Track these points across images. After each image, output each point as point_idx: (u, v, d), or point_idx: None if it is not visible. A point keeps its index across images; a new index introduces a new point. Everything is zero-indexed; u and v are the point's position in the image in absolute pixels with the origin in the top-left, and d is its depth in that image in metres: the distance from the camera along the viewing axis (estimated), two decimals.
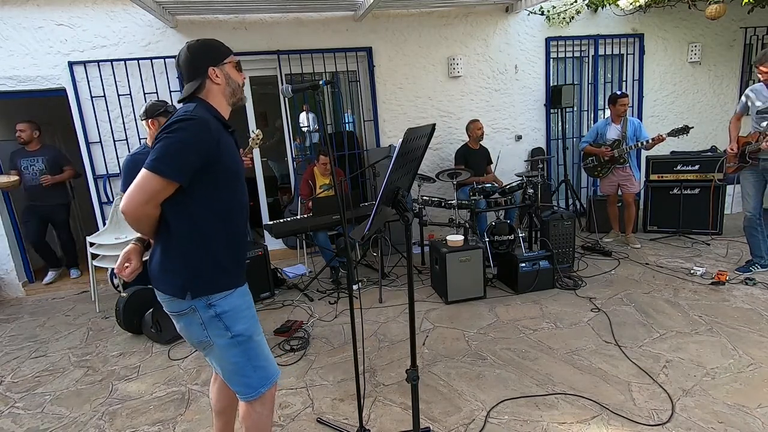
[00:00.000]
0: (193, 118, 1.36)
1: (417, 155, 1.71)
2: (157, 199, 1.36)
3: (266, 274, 3.92)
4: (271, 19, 4.71)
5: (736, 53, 5.90)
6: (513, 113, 5.54)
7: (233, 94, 1.55)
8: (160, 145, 1.33)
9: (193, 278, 1.43)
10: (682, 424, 2.07)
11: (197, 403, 2.51)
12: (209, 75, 1.49)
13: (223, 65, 1.53)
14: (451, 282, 3.52)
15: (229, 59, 1.55)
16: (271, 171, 6.80)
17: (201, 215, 1.42)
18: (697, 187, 4.74)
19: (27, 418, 2.50)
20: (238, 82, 1.57)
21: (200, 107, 1.44)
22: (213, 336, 1.47)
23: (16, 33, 4.26)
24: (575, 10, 5.35)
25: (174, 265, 1.43)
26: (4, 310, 4.28)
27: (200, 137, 1.36)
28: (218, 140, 1.40)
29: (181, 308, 1.45)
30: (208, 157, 1.37)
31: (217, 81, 1.50)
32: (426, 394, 2.41)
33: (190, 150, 1.34)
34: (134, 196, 1.33)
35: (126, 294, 3.39)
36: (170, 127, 1.35)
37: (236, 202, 1.51)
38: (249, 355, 1.52)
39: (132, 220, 1.36)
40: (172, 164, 1.32)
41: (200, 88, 1.50)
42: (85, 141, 4.54)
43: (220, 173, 1.42)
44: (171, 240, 1.42)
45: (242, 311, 1.51)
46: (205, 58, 1.50)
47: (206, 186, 1.40)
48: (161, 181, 1.32)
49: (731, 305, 3.20)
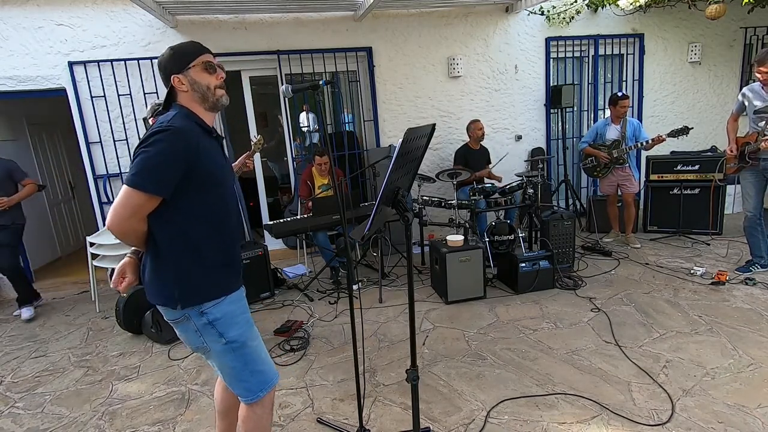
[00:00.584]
0: (168, 128, 1.33)
1: (417, 155, 1.71)
2: (140, 214, 1.35)
3: (266, 274, 3.92)
4: (271, 19, 4.72)
5: (736, 53, 5.90)
6: (513, 113, 5.54)
7: (204, 98, 1.47)
8: (138, 160, 1.32)
9: (182, 288, 1.42)
10: (682, 424, 2.07)
11: (197, 403, 2.51)
12: (173, 83, 1.45)
13: (187, 71, 1.44)
14: (451, 282, 3.52)
15: (194, 62, 1.45)
16: (271, 171, 6.80)
17: (186, 224, 1.41)
18: (697, 187, 4.74)
19: (27, 418, 2.50)
20: (207, 84, 1.46)
21: (179, 115, 1.41)
22: (209, 342, 1.48)
23: (16, 33, 4.26)
24: (575, 10, 5.35)
25: (162, 275, 1.43)
26: (4, 310, 4.28)
27: (177, 147, 1.33)
28: (197, 147, 1.37)
29: (176, 316, 1.46)
30: (188, 165, 1.35)
31: (182, 88, 1.46)
32: (426, 394, 2.41)
33: (168, 162, 1.32)
34: (118, 212, 1.32)
35: (126, 294, 3.39)
36: (147, 141, 1.33)
37: (222, 207, 1.49)
38: (245, 360, 1.52)
39: (118, 235, 1.37)
40: (152, 178, 1.31)
41: (175, 96, 1.49)
42: (85, 141, 4.54)
43: (203, 179, 1.40)
44: (158, 251, 1.41)
45: (235, 317, 1.50)
46: (169, 66, 1.45)
47: (189, 194, 1.39)
48: (143, 195, 1.31)
49: (731, 305, 3.20)
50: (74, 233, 6.08)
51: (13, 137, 5.14)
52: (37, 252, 5.13)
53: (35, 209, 5.29)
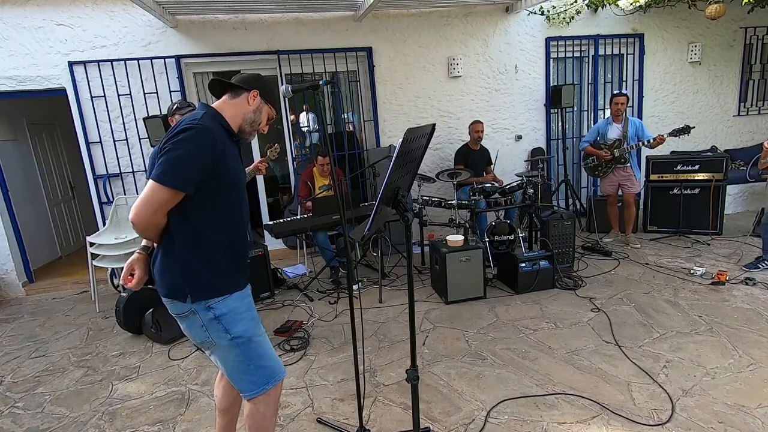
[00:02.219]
0: (197, 127, 1.37)
1: (417, 155, 1.71)
2: (164, 209, 1.39)
3: (266, 274, 3.92)
4: (271, 19, 4.71)
5: (736, 53, 5.90)
6: (513, 113, 5.54)
7: (251, 123, 1.58)
8: (166, 157, 1.35)
9: (193, 282, 1.45)
10: (682, 424, 2.07)
11: (197, 403, 2.51)
12: (250, 94, 1.55)
13: (264, 102, 1.60)
14: (451, 282, 3.52)
15: (270, 104, 1.64)
16: (272, 171, 6.80)
17: (203, 221, 1.44)
18: (697, 187, 4.74)
19: (27, 418, 2.50)
20: (260, 120, 1.61)
21: (207, 115, 1.46)
22: (214, 337, 1.50)
23: (16, 33, 4.26)
24: (575, 10, 5.35)
25: (175, 268, 1.45)
26: (4, 310, 4.28)
27: (205, 145, 1.38)
28: (223, 147, 1.43)
29: (182, 310, 1.48)
30: (213, 164, 1.40)
31: (249, 102, 1.55)
32: (426, 394, 2.41)
33: (195, 159, 1.36)
34: (142, 207, 1.35)
35: (126, 294, 3.39)
36: (175, 137, 1.36)
37: (237, 208, 1.53)
38: (250, 355, 1.54)
39: (141, 230, 1.40)
40: (179, 174, 1.34)
41: (225, 98, 1.56)
42: (85, 141, 4.54)
43: (223, 180, 1.44)
44: (172, 244, 1.44)
45: (241, 313, 1.53)
46: (256, 85, 1.57)
47: (209, 193, 1.42)
48: (168, 191, 1.35)
49: (731, 305, 3.20)
50: (74, 233, 6.08)
51: (13, 137, 5.14)
52: (37, 252, 5.13)
53: (35, 209, 5.30)
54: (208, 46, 4.63)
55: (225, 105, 1.55)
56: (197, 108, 1.53)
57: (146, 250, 1.57)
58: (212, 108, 1.52)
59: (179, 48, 4.57)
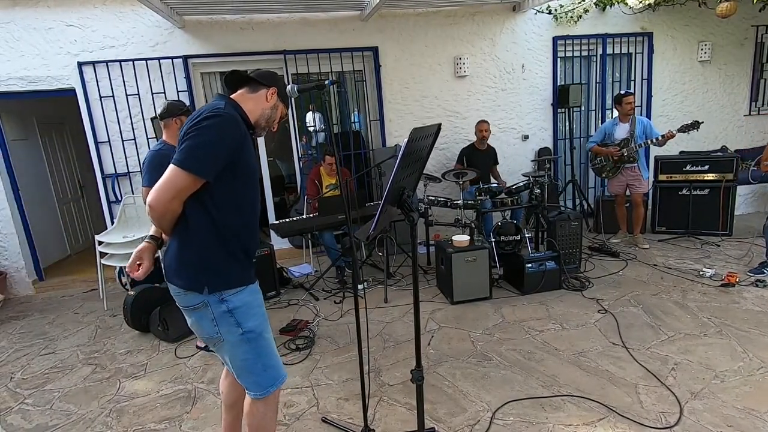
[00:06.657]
0: (221, 114, 1.38)
1: (423, 155, 1.71)
2: (183, 195, 1.38)
3: (272, 274, 3.94)
4: (278, 19, 4.73)
5: (747, 52, 5.82)
6: (520, 113, 5.51)
7: (267, 119, 1.60)
8: (189, 143, 1.35)
9: (210, 272, 1.45)
10: (690, 427, 2.04)
11: (203, 401, 2.52)
12: (268, 90, 1.57)
13: (281, 100, 1.62)
14: (456, 282, 3.51)
15: (286, 103, 1.67)
16: (279, 170, 6.83)
17: (219, 210, 1.44)
18: (706, 187, 4.69)
19: (36, 415, 2.53)
20: (275, 117, 1.63)
21: (230, 105, 1.47)
22: (223, 332, 1.49)
23: (27, 34, 4.31)
24: (583, 9, 5.31)
25: (192, 258, 1.45)
26: (14, 307, 4.33)
27: (228, 134, 1.38)
28: (244, 136, 1.44)
29: (194, 302, 1.47)
30: (234, 152, 1.40)
31: (267, 99, 1.57)
32: (431, 394, 2.41)
33: (218, 147, 1.36)
34: (162, 192, 1.35)
35: (134, 292, 3.42)
36: (199, 124, 1.36)
37: (252, 197, 1.55)
38: (259, 352, 1.54)
39: (158, 215, 1.39)
40: (201, 161, 1.35)
41: (242, 92, 1.56)
42: (94, 141, 4.58)
43: (241, 169, 1.45)
44: (189, 234, 1.44)
45: (253, 308, 1.53)
46: (275, 83, 1.59)
47: (226, 182, 1.43)
48: (189, 177, 1.35)
49: (741, 307, 3.16)
50: (83, 232, 6.14)
51: (24, 137, 5.20)
52: (46, 250, 5.18)
53: (45, 208, 5.36)
54: (215, 47, 4.65)
55: (244, 98, 1.55)
56: (215, 99, 1.53)
57: (155, 240, 1.57)
58: (233, 99, 1.52)
59: (187, 48, 4.60)
